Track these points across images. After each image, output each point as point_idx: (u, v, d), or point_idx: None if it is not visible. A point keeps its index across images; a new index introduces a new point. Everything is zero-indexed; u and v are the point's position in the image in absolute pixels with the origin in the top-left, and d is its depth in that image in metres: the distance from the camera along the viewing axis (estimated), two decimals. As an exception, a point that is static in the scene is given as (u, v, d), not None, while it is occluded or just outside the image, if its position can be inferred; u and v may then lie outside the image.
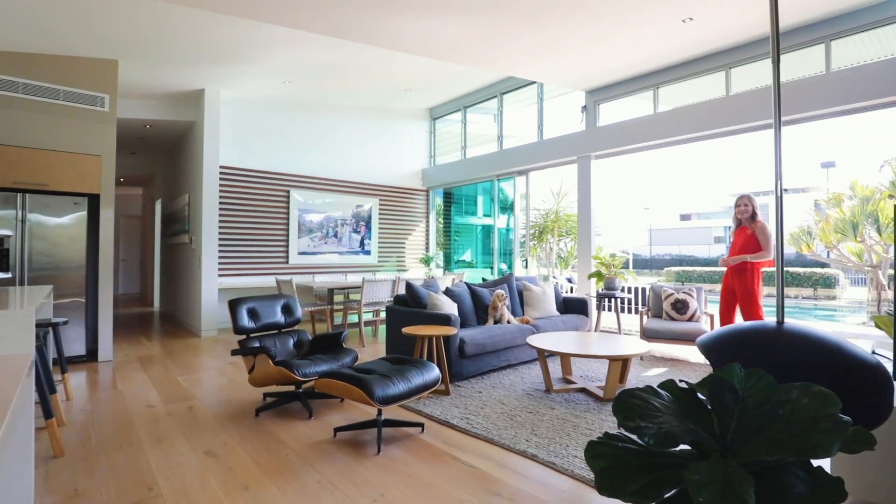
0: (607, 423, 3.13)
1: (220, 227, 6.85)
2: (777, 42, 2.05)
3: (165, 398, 3.77)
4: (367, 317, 6.98)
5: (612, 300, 5.87)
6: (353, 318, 7.11)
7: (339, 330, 6.27)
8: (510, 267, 9.00)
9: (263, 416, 3.32)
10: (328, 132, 8.22)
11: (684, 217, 36.39)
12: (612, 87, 6.56)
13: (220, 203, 6.89)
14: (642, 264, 28.97)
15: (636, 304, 6.72)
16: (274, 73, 6.19)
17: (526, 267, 7.90)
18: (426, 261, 9.26)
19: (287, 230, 7.74)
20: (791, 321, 1.88)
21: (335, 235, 8.30)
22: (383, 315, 6.86)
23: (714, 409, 1.28)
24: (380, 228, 8.84)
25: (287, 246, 7.73)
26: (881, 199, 12.23)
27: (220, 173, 6.88)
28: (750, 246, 4.29)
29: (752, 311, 4.22)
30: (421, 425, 3.07)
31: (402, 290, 6.13)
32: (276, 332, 3.82)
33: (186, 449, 2.80)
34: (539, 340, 3.94)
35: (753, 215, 4.39)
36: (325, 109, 8.16)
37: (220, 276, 6.87)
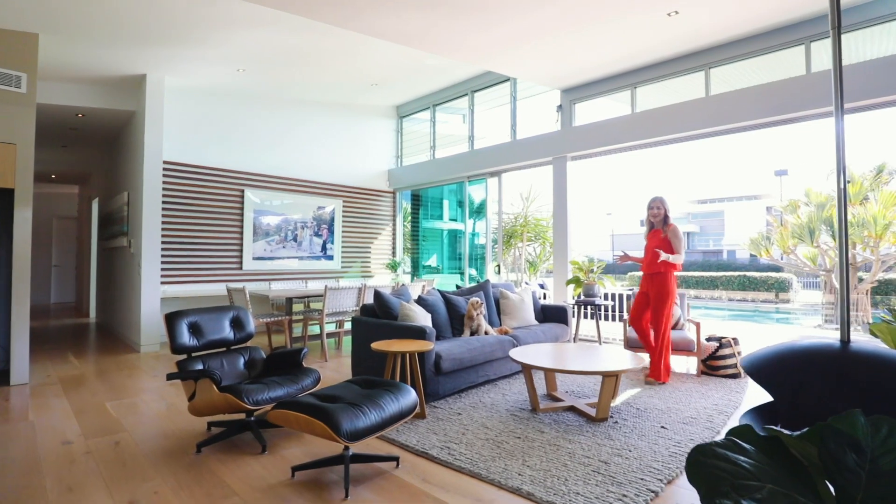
0: (605, 447, 2.79)
1: (163, 230, 6.17)
2: (838, 11, 1.77)
3: (87, 431, 3.16)
4: (329, 328, 6.44)
5: (592, 307, 5.59)
6: (315, 329, 6.56)
7: (298, 345, 5.77)
8: (480, 273, 8.65)
9: (207, 452, 2.79)
10: (287, 128, 7.65)
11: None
12: (589, 86, 6.34)
13: (165, 202, 6.21)
14: (606, 269, 29.44)
15: (617, 310, 6.50)
16: (226, 59, 5.61)
17: (498, 272, 7.58)
18: (393, 266, 8.79)
19: (241, 233, 7.11)
20: (857, 339, 1.57)
21: (294, 239, 7.71)
22: (348, 325, 6.35)
23: (829, 474, 0.93)
24: (343, 232, 8.31)
25: (241, 250, 7.09)
26: (834, 205, 12.67)
27: (164, 169, 6.20)
28: (663, 249, 4.18)
29: (660, 314, 4.12)
30: (395, 459, 2.63)
31: (369, 299, 5.65)
32: (223, 350, 3.29)
33: (104, 501, 2.25)
34: (523, 355, 3.57)
35: (665, 218, 4.26)
36: (284, 103, 7.59)
37: (162, 283, 6.18)
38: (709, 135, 5.37)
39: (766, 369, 1.54)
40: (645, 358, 4.06)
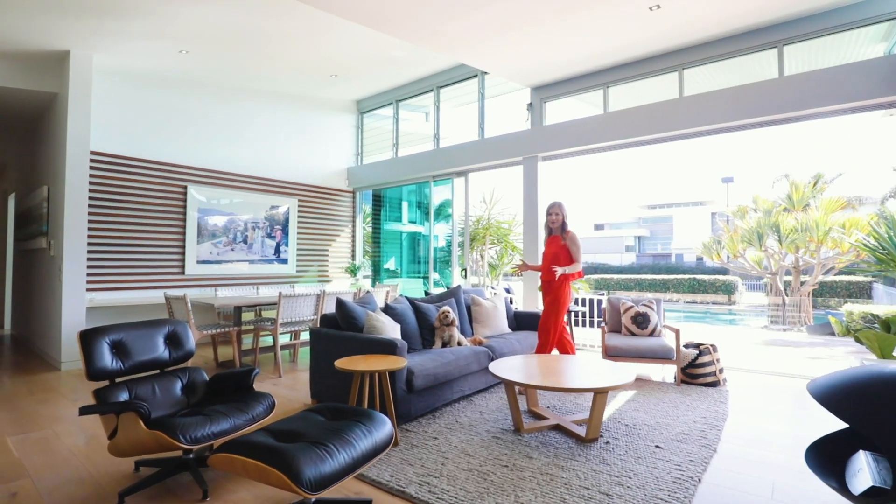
0: (602, 475, 2.50)
1: (91, 229, 5.43)
2: None
3: (-23, 477, 2.55)
4: (284, 339, 5.90)
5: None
6: (268, 340, 5.99)
7: (248, 359, 5.17)
8: (444, 276, 8.31)
9: (133, 503, 2.28)
10: (237, 120, 7.02)
11: (598, 227, 38.34)
12: (560, 84, 6.14)
13: (92, 199, 5.47)
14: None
15: (589, 316, 6.32)
16: (166, 37, 4.99)
17: (465, 276, 7.26)
18: (352, 270, 8.30)
19: (183, 234, 6.42)
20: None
21: (245, 241, 7.08)
22: (305, 336, 5.83)
23: None
24: (299, 233, 7.74)
25: (183, 253, 6.41)
26: (779, 211, 13.27)
27: (92, 161, 5.46)
28: (562, 256, 4.06)
29: (553, 321, 4.02)
30: (368, 502, 2.23)
31: (329, 308, 5.18)
32: (156, 372, 2.76)
33: (-16, 583, 1.72)
34: (506, 370, 3.25)
35: (564, 224, 4.14)
36: (234, 92, 6.96)
37: (90, 290, 5.44)
38: (683, 136, 5.28)
39: (844, 396, 1.28)
40: (638, 369, 3.83)
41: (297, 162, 7.76)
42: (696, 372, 4.30)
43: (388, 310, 3.99)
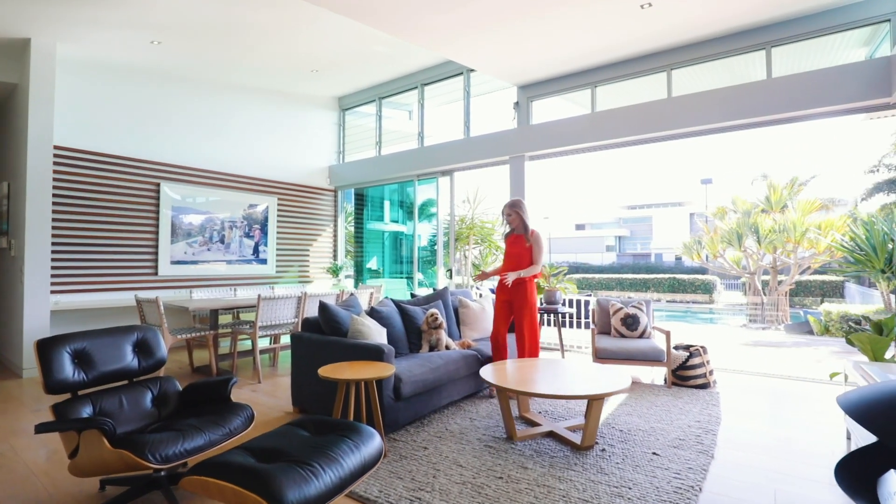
0: (601, 486, 2.39)
1: (55, 228, 5.13)
2: None
3: (-80, 502, 2.31)
4: (263, 343, 5.68)
5: (554, 315, 5.28)
6: (247, 344, 5.76)
7: (225, 364, 4.90)
8: (428, 277, 8.17)
9: (94, 527, 2.08)
10: (214, 115, 6.75)
11: (579, 227, 38.69)
12: (548, 83, 6.05)
13: (57, 196, 5.17)
14: (543, 271, 30.06)
15: (576, 317, 6.26)
16: (137, 26, 4.73)
17: (451, 277, 7.13)
18: (334, 271, 8.09)
19: (156, 233, 6.14)
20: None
21: (222, 241, 6.82)
22: (285, 339, 5.63)
23: None
24: (279, 233, 7.50)
25: (156, 253, 6.12)
26: (757, 212, 13.50)
27: (56, 156, 5.16)
28: (526, 257, 3.92)
29: (528, 322, 3.86)
30: (355, 522, 2.08)
31: (311, 311, 4.98)
32: (125, 383, 2.56)
33: None
34: (498, 376, 3.12)
35: (525, 224, 3.97)
36: (211, 86, 6.70)
37: (54, 292, 5.14)
38: (671, 137, 5.25)
39: (881, 411, 1.18)
40: (629, 372, 3.75)
41: (277, 159, 7.52)
42: (686, 374, 4.25)
43: (373, 313, 3.83)
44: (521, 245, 3.96)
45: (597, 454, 2.78)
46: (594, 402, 2.80)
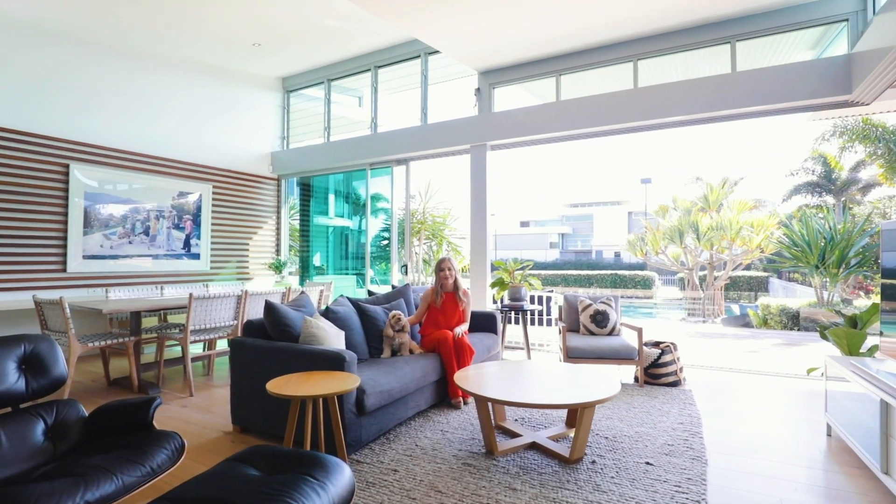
0: (600, 508, 2.11)
1: (-73, 215, 4.22)
2: None
3: None
4: (196, 348, 5.03)
5: (521, 313, 5.02)
6: (177, 351, 5.07)
7: (149, 375, 4.09)
8: (379, 273, 7.71)
9: None
10: (139, 89, 5.92)
11: (524, 224, 39.34)
12: (511, 70, 5.78)
13: (-70, 175, 4.25)
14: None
15: (537, 314, 6.04)
16: (35, -27, 3.93)
17: (405, 273, 6.72)
18: (277, 267, 7.43)
19: (65, 223, 5.28)
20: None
21: (146, 232, 6.01)
22: (223, 344, 4.99)
23: None
24: (213, 224, 6.76)
25: (65, 247, 5.26)
26: (696, 210, 14.08)
27: (-70, 126, 4.24)
28: (456, 316, 3.87)
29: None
30: (319, 580, 1.65)
31: (254, 311, 4.41)
32: (7, 411, 1.97)
33: None
34: (474, 383, 2.78)
35: (457, 281, 3.93)
36: (133, 55, 5.86)
37: (-74, 294, 4.22)
38: (638, 129, 5.13)
39: None
40: (600, 371, 3.53)
41: (213, 143, 6.76)
42: (658, 372, 4.12)
43: (328, 314, 3.36)
44: (452, 303, 3.89)
45: (588, 468, 2.51)
46: (585, 411, 2.52)
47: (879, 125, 9.85)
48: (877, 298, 12.13)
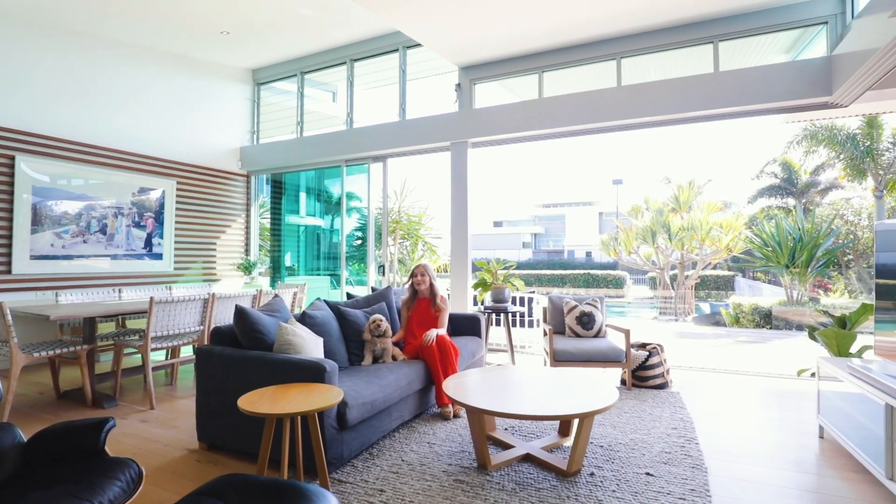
0: (605, 527, 1.97)
1: None
2: None
3: None
4: (158, 356, 4.69)
5: (504, 315, 4.87)
6: (137, 358, 4.70)
7: (104, 387, 3.71)
8: (353, 274, 7.47)
9: None
10: (97, 77, 5.50)
11: (497, 224, 39.47)
12: (493, 66, 5.64)
13: None
14: (464, 268, 30.32)
15: (519, 315, 5.92)
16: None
17: (383, 274, 6.49)
18: (246, 268, 7.07)
19: (10, 220, 4.83)
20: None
21: (102, 231, 5.59)
22: (187, 352, 4.66)
23: None
24: (178, 223, 6.36)
25: (9, 246, 4.82)
26: (668, 211, 14.33)
27: None
28: (431, 323, 3.68)
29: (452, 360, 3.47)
30: None
31: (223, 317, 4.11)
32: (-76, 437, 1.67)
33: None
34: (465, 392, 2.61)
35: (433, 288, 3.78)
36: (93, 41, 5.44)
37: None
38: (622, 128, 5.07)
39: None
40: (603, 374, 3.40)
41: (177, 136, 6.36)
42: (645, 374, 4.04)
43: (306, 319, 3.12)
44: (426, 310, 3.74)
45: (587, 480, 2.37)
46: (585, 420, 2.38)
47: (842, 129, 10.20)
48: (835, 296, 12.61)
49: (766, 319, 8.24)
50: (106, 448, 1.79)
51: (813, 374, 3.84)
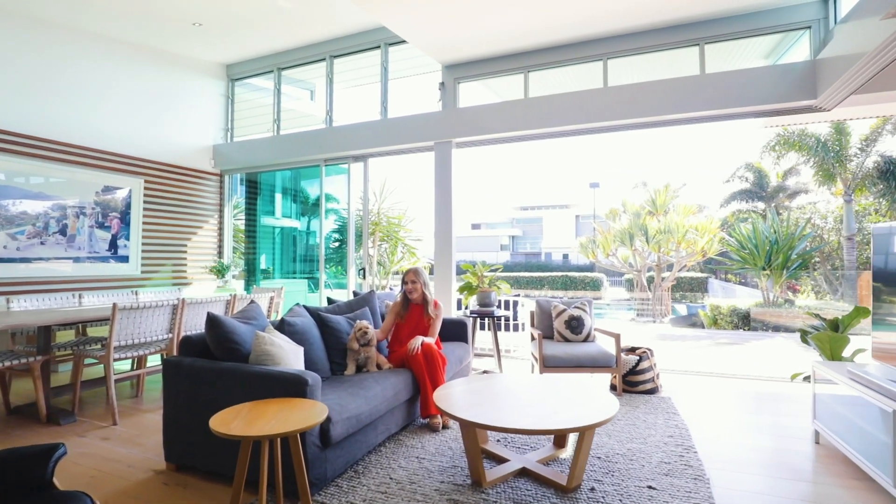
0: (612, 549, 1.84)
1: None
2: None
3: None
4: (122, 366, 4.39)
5: (491, 319, 4.74)
6: (98, 369, 4.39)
7: (62, 401, 3.35)
8: (331, 277, 7.25)
9: None
10: (58, 68, 5.14)
11: (475, 226, 39.48)
12: (478, 64, 5.51)
13: None
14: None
15: (507, 319, 5.80)
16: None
17: (363, 277, 6.28)
18: (219, 271, 6.76)
19: (-44, 220, 4.45)
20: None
21: (62, 232, 5.22)
22: (154, 361, 4.37)
23: None
24: (145, 223, 6.02)
25: (-44, 248, 4.44)
26: (645, 214, 14.48)
27: None
28: (422, 330, 3.52)
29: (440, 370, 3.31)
30: None
31: (193, 324, 3.85)
32: None
33: None
34: (457, 404, 2.45)
35: (426, 294, 3.58)
36: (55, 29, 5.09)
37: None
38: (608, 129, 5.01)
39: None
40: (591, 379, 3.28)
41: (145, 132, 6.02)
42: (636, 379, 3.96)
43: (284, 327, 2.91)
44: (419, 317, 3.56)
45: (588, 496, 2.24)
46: (586, 433, 2.25)
47: (813, 135, 10.46)
48: (803, 298, 12.95)
49: (744, 321, 8.34)
50: (55, 480, 1.56)
51: (806, 378, 3.81)
